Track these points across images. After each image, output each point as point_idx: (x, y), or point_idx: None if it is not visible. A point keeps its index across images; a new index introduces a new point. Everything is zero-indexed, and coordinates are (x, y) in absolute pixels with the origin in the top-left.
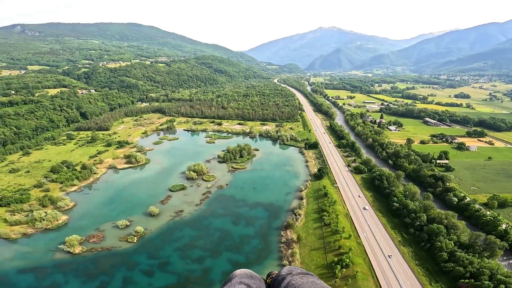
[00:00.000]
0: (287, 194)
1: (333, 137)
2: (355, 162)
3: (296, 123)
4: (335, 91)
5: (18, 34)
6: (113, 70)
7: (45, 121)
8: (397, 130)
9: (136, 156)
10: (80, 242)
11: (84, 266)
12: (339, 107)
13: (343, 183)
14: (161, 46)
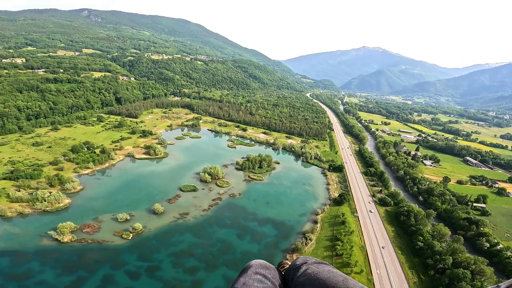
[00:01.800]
0: (301, 215)
1: (360, 163)
2: (381, 193)
3: (323, 142)
4: (369, 114)
5: (83, 18)
6: (155, 62)
7: (82, 101)
8: (432, 166)
9: (155, 148)
10: (73, 230)
11: (67, 257)
12: (371, 132)
13: (365, 213)
14: (203, 45)
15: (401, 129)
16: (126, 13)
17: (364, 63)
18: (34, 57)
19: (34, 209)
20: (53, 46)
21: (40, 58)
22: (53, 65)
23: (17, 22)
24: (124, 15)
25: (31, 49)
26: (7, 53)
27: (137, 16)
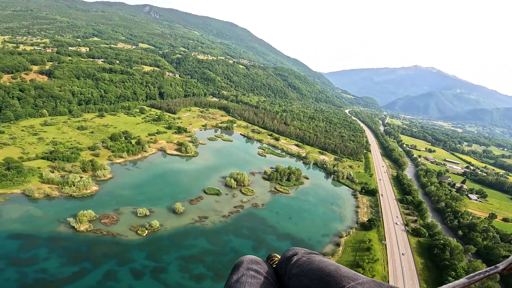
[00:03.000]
0: (323, 236)
1: (396, 189)
2: (416, 223)
3: (358, 163)
4: (412, 139)
5: (144, 14)
6: (200, 61)
7: (129, 92)
8: (478, 201)
9: (187, 146)
10: (92, 219)
11: (76, 247)
12: (412, 158)
13: (394, 241)
14: (247, 49)
15: (447, 158)
16: (181, 12)
17: (413, 83)
18: (97, 47)
19: (62, 193)
20: (115, 38)
21: (102, 48)
22: (111, 56)
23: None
24: (178, 14)
25: (96, 40)
26: (75, 42)
27: (190, 16)
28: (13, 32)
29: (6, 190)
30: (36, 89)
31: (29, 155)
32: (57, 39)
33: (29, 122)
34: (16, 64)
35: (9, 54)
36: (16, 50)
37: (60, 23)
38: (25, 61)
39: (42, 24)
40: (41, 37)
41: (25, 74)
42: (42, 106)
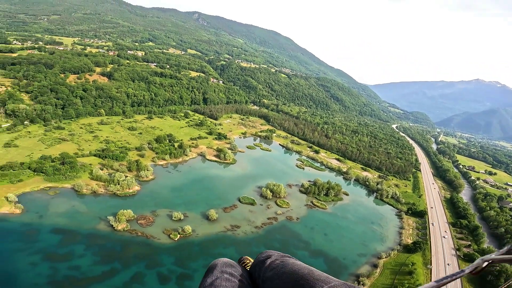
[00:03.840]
0: (360, 255)
1: (449, 212)
2: (469, 248)
3: (405, 182)
4: (470, 160)
5: (193, 21)
6: (243, 69)
7: (176, 96)
8: None
9: (226, 153)
10: (130, 219)
11: (111, 246)
12: (469, 180)
13: (441, 266)
14: (289, 58)
15: (509, 182)
16: (227, 19)
17: (473, 98)
18: (151, 52)
19: (107, 191)
20: (167, 43)
21: (155, 53)
22: (163, 61)
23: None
24: (224, 21)
25: (151, 44)
26: (133, 46)
27: (235, 23)
28: (82, 35)
29: (58, 184)
30: (97, 89)
31: (84, 152)
32: (119, 42)
33: (88, 121)
34: (82, 65)
35: (77, 55)
36: (83, 52)
37: (122, 27)
38: (90, 63)
39: (107, 28)
40: (106, 40)
41: (89, 75)
42: (101, 106)
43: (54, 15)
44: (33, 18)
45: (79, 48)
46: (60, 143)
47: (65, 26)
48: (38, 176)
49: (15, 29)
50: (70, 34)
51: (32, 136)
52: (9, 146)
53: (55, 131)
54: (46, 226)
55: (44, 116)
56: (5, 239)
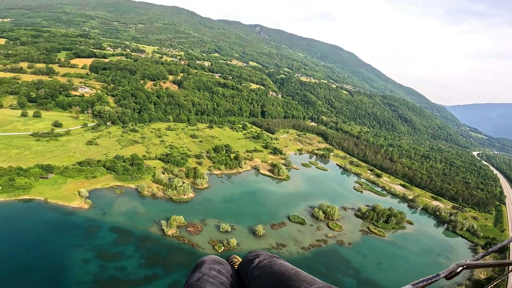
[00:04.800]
0: None
1: None
2: None
3: (486, 215)
4: None
5: (255, 33)
6: (302, 83)
7: (236, 107)
8: None
9: (280, 169)
10: (180, 225)
11: (158, 250)
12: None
13: None
14: (351, 74)
15: None
16: (287, 33)
17: None
18: (216, 62)
19: (165, 195)
20: (230, 55)
21: (220, 64)
22: (226, 72)
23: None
24: (285, 35)
25: (216, 55)
26: (201, 56)
27: (295, 37)
28: (160, 44)
29: (125, 184)
30: (168, 96)
31: (150, 155)
32: (189, 52)
33: (158, 125)
34: (158, 72)
35: (155, 63)
36: (160, 60)
37: (192, 38)
38: (165, 71)
39: (180, 38)
40: (179, 50)
41: (163, 82)
42: (170, 112)
43: (140, 24)
44: (124, 26)
45: (157, 56)
46: (133, 144)
47: (148, 35)
48: (110, 174)
49: (109, 35)
50: (151, 42)
51: (111, 137)
52: (91, 144)
53: (130, 133)
54: (106, 224)
55: (124, 118)
56: (69, 234)
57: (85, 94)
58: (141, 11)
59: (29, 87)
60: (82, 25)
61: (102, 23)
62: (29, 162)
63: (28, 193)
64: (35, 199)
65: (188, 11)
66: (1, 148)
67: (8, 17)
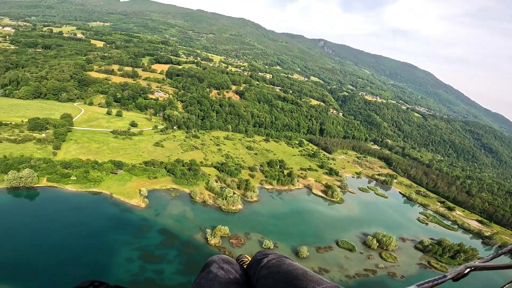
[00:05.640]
0: None
1: None
2: None
3: None
4: None
5: (319, 48)
6: (367, 103)
7: (294, 123)
8: None
9: (334, 191)
10: (223, 236)
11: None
12: None
13: None
14: (426, 95)
15: None
16: (353, 49)
17: None
18: (278, 76)
19: (214, 203)
20: (292, 69)
21: (281, 77)
22: (287, 85)
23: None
24: (350, 50)
25: (278, 68)
26: (263, 68)
27: (362, 53)
28: (227, 54)
29: (180, 187)
30: (230, 106)
31: (207, 162)
32: (253, 64)
33: (217, 134)
34: (223, 82)
35: (220, 72)
36: (226, 70)
37: (256, 49)
38: (229, 81)
39: (245, 49)
40: (243, 61)
41: (226, 92)
42: (230, 122)
43: (211, 34)
44: (197, 35)
45: (223, 66)
46: (193, 150)
47: (216, 45)
48: (169, 176)
49: (184, 44)
50: (219, 52)
51: (176, 140)
52: (158, 145)
53: (192, 139)
54: (157, 225)
55: (188, 124)
56: (123, 230)
57: (159, 98)
58: (212, 21)
59: (116, 88)
60: (163, 33)
61: (180, 32)
62: (105, 157)
63: (98, 186)
64: (102, 193)
65: (253, 23)
66: (84, 142)
67: (108, 21)
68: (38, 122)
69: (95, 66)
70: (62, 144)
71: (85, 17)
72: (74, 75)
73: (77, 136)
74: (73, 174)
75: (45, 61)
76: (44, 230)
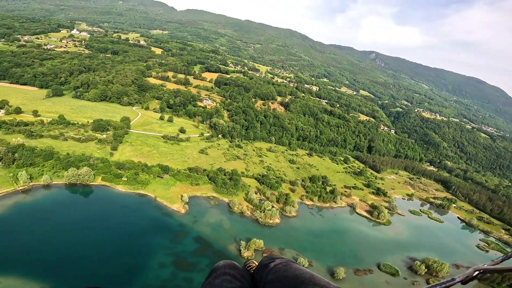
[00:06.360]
0: None
1: None
2: None
3: None
4: None
5: (370, 61)
6: (424, 120)
7: (340, 138)
8: None
9: (381, 212)
10: (257, 249)
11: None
12: None
13: None
14: (496, 114)
15: None
16: (409, 62)
17: None
18: (324, 88)
19: (252, 215)
20: (340, 81)
21: (328, 90)
22: (334, 99)
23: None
24: (406, 63)
25: (325, 80)
26: (309, 80)
27: (420, 67)
28: (273, 65)
29: (220, 196)
30: (274, 117)
31: (248, 173)
32: (299, 75)
33: (260, 145)
34: (268, 93)
35: (266, 83)
36: (272, 81)
37: (303, 61)
38: (274, 92)
39: (292, 60)
40: (289, 72)
41: (271, 102)
42: (273, 133)
43: (258, 44)
44: (244, 45)
45: (269, 77)
46: (235, 160)
47: (263, 55)
48: (210, 184)
49: (233, 53)
50: (265, 62)
51: (219, 149)
52: (202, 152)
53: (235, 149)
54: (193, 232)
55: (233, 133)
56: (161, 234)
57: (207, 106)
58: (259, 32)
59: (170, 94)
60: (214, 42)
61: (229, 41)
62: (154, 160)
63: (144, 188)
64: (147, 195)
65: (300, 35)
66: (138, 144)
67: (166, 30)
68: (101, 123)
69: (153, 73)
70: (119, 146)
71: (148, 25)
72: (135, 80)
73: (132, 139)
74: (125, 175)
75: (112, 66)
76: (91, 226)
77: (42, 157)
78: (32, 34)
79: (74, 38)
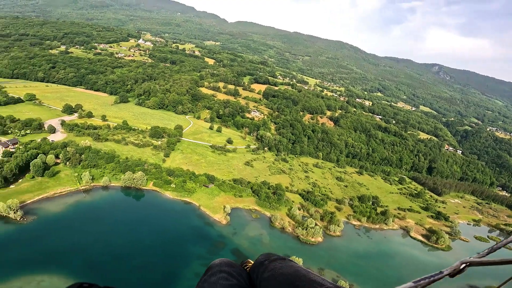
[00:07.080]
0: None
1: None
2: None
3: None
4: None
5: (432, 74)
6: (497, 141)
7: (395, 157)
8: None
9: (440, 237)
10: None
11: None
12: None
13: None
14: None
15: None
16: (479, 75)
17: None
18: (378, 103)
19: (293, 231)
20: (396, 96)
21: (383, 105)
22: (389, 115)
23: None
24: (475, 77)
25: (379, 95)
26: (362, 94)
27: (492, 80)
28: (323, 77)
29: (262, 210)
30: (322, 132)
31: (293, 188)
32: (350, 89)
33: (306, 160)
34: (317, 106)
35: (315, 96)
36: (321, 94)
37: (355, 74)
38: (323, 105)
39: (342, 73)
40: (339, 85)
41: (320, 117)
42: (321, 149)
43: (307, 56)
44: (293, 57)
45: (318, 90)
46: (280, 173)
47: (312, 68)
48: (253, 197)
49: (281, 65)
50: (314, 75)
51: (265, 162)
52: (248, 164)
53: (281, 162)
54: (232, 244)
55: (279, 146)
56: (200, 243)
57: (255, 118)
58: (308, 44)
59: (220, 105)
60: (263, 53)
61: (277, 53)
62: (201, 169)
63: (190, 196)
64: (192, 203)
65: (352, 47)
66: (188, 153)
67: (218, 41)
68: (157, 130)
69: (206, 83)
70: (171, 153)
71: (202, 36)
72: (189, 89)
73: (183, 147)
74: (174, 182)
75: (170, 75)
76: (138, 230)
77: (105, 159)
78: (107, 43)
79: (140, 48)
